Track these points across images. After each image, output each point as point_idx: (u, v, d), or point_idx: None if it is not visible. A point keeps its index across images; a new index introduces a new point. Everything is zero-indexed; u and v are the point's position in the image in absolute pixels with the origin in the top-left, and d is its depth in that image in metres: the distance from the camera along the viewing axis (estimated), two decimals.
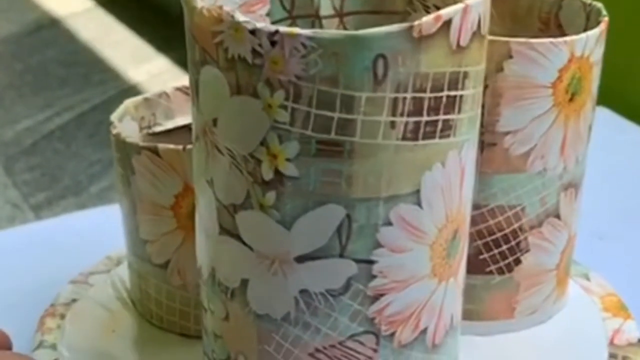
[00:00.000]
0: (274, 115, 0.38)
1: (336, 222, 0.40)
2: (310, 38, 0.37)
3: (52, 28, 2.49)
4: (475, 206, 0.51)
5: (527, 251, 0.53)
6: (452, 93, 0.39)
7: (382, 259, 0.40)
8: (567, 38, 0.49)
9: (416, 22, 0.37)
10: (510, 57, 0.48)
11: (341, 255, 0.40)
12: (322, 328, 0.42)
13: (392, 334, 0.42)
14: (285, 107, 0.38)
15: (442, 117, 0.39)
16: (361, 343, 0.42)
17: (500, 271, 0.53)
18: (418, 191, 0.40)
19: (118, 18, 2.65)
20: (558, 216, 0.52)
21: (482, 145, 0.50)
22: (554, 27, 0.55)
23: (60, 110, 1.93)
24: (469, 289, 0.51)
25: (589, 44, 0.49)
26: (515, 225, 0.52)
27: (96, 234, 0.63)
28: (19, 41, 2.30)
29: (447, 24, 0.38)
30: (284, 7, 0.47)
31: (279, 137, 0.39)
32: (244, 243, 0.41)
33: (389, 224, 0.40)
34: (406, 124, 0.38)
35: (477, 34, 0.39)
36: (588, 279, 0.60)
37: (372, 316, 0.41)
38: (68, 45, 2.41)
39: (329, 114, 0.38)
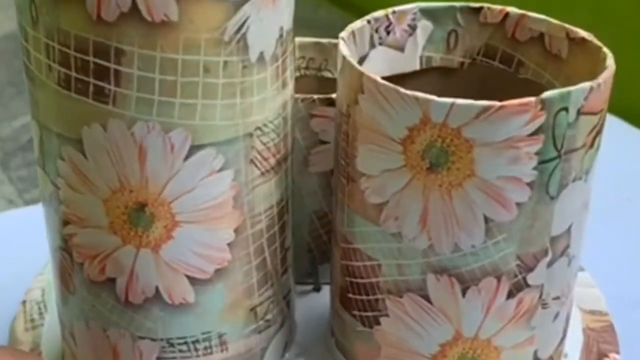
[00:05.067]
0: None
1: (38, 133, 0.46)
2: None
3: None
4: (343, 239, 0.48)
5: (386, 316, 0.47)
6: (102, 63, 0.41)
7: (62, 189, 0.45)
8: (422, 95, 0.42)
9: None
10: (362, 92, 0.44)
11: (43, 169, 0.46)
12: (49, 228, 0.48)
13: (81, 265, 0.47)
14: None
15: (92, 80, 0.42)
16: (64, 257, 0.48)
17: (362, 321, 0.48)
18: (81, 141, 0.43)
19: None
20: (427, 299, 0.45)
21: (348, 178, 0.46)
22: None
23: None
24: (342, 322, 0.49)
25: (459, 115, 0.41)
26: (373, 280, 0.47)
27: None
28: (20, 39, 2.21)
29: None
30: None
31: None
32: None
33: (62, 159, 0.45)
34: (59, 72, 0.42)
35: (129, 15, 0.40)
36: None
37: (65, 237, 0.47)
38: None
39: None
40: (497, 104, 0.40)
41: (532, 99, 0.41)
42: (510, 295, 0.45)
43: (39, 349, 0.53)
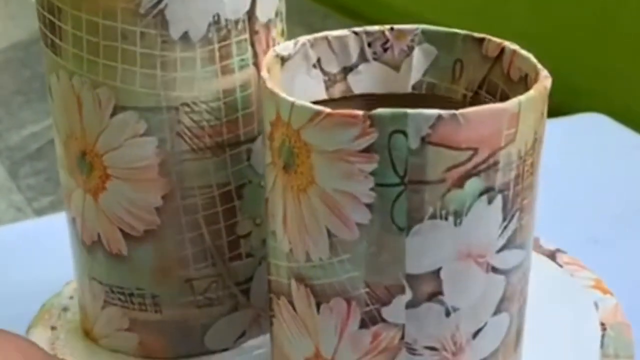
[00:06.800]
0: None
1: None
2: None
3: None
4: None
5: (274, 317, 0.48)
6: (51, 18, 0.49)
7: (53, 132, 0.53)
8: (275, 91, 0.43)
9: None
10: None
11: None
12: None
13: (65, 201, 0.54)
14: None
15: (49, 34, 0.49)
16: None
17: (269, 319, 0.49)
18: (50, 87, 0.51)
19: None
20: (293, 306, 0.46)
21: None
22: None
23: None
24: None
25: (297, 116, 0.41)
26: (270, 277, 0.48)
27: None
28: (27, 48, 2.26)
29: None
30: None
31: None
32: None
33: (47, 103, 0.52)
34: (39, 26, 0.50)
35: None
36: None
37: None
38: None
39: None
40: (327, 110, 0.40)
41: (361, 112, 0.39)
42: (363, 324, 0.43)
43: None
